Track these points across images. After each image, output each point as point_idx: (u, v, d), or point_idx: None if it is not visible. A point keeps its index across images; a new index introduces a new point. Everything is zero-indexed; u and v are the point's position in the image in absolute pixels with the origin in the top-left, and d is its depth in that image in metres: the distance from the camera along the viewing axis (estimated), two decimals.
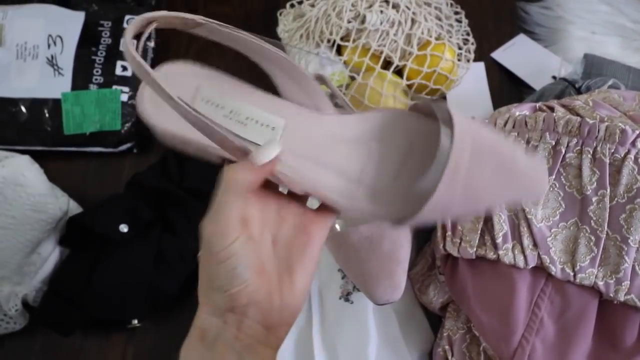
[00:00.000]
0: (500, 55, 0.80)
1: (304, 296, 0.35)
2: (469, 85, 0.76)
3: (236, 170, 0.32)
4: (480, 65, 0.79)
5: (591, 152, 0.49)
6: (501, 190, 0.35)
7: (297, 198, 0.37)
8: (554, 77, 0.74)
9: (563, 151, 0.50)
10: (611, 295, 0.47)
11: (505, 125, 0.54)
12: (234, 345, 0.32)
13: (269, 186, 0.36)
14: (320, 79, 0.47)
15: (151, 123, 0.36)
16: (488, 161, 0.34)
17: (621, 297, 0.46)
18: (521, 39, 0.81)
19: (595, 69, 0.70)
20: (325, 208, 0.37)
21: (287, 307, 0.34)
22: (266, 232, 0.35)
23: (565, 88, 0.66)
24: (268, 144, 0.33)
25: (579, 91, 0.64)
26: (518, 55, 0.79)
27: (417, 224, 0.35)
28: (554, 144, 0.51)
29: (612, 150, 0.48)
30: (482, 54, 0.80)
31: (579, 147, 0.50)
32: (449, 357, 0.55)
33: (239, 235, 0.32)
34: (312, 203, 0.37)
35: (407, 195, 0.36)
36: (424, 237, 0.64)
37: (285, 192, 0.37)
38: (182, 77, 0.37)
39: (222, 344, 0.32)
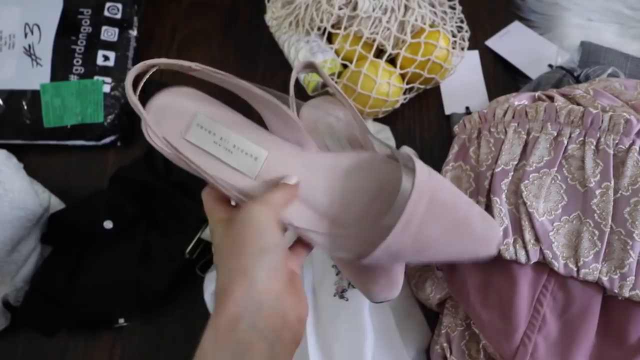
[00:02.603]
0: (495, 43, 0.78)
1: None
2: (463, 74, 0.74)
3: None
4: (475, 54, 0.77)
5: (594, 143, 0.47)
6: (450, 245, 0.38)
7: None
8: (550, 66, 0.72)
9: (565, 142, 0.48)
10: (615, 290, 0.45)
11: (504, 115, 0.52)
12: (267, 335, 0.32)
13: None
14: (311, 67, 0.46)
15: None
16: (442, 216, 0.37)
17: (626, 293, 0.45)
18: (516, 27, 0.79)
19: (593, 57, 0.69)
20: (298, 245, 0.41)
21: (299, 301, 0.36)
22: None
23: (563, 77, 0.65)
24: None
25: (577, 80, 0.63)
26: (513, 43, 0.77)
27: (372, 263, 0.39)
28: (555, 134, 0.49)
29: (617, 141, 0.47)
30: (476, 42, 0.78)
31: (581, 138, 0.48)
32: (448, 355, 0.53)
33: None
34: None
35: (367, 234, 0.39)
36: None
37: None
38: (182, 101, 0.40)
39: (254, 335, 0.32)
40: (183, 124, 0.39)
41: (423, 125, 0.74)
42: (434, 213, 0.37)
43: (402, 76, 0.69)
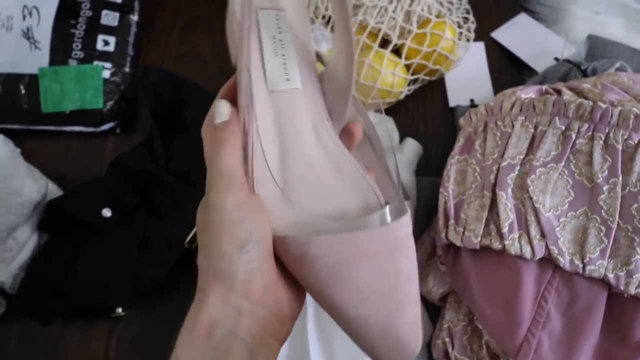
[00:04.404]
0: (501, 35, 0.77)
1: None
2: (469, 66, 0.74)
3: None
4: (480, 45, 0.76)
5: (603, 138, 0.47)
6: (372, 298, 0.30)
7: None
8: (557, 59, 0.71)
9: (573, 137, 0.48)
10: (621, 288, 0.45)
11: (511, 108, 0.51)
12: (247, 341, 0.29)
13: None
14: (317, 57, 0.45)
15: None
16: (385, 272, 0.30)
17: (632, 290, 0.44)
18: (522, 18, 0.78)
19: (599, 50, 0.68)
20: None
21: (295, 297, 0.32)
22: None
23: (570, 70, 0.64)
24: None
25: (584, 73, 0.62)
26: (519, 35, 0.76)
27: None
28: (563, 129, 0.48)
29: (625, 137, 0.46)
30: (482, 33, 0.77)
31: (590, 133, 0.47)
32: (449, 350, 0.53)
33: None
34: None
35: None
36: (422, 224, 0.62)
37: None
38: None
39: (233, 342, 0.29)
40: (269, 17, 0.36)
41: (427, 117, 0.73)
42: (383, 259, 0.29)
43: (407, 67, 0.68)
